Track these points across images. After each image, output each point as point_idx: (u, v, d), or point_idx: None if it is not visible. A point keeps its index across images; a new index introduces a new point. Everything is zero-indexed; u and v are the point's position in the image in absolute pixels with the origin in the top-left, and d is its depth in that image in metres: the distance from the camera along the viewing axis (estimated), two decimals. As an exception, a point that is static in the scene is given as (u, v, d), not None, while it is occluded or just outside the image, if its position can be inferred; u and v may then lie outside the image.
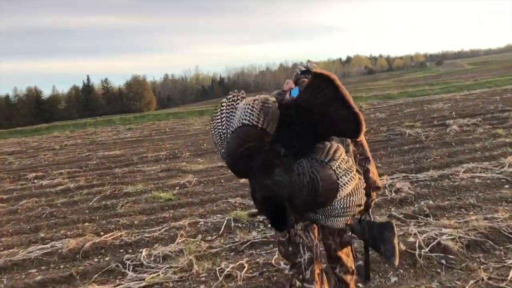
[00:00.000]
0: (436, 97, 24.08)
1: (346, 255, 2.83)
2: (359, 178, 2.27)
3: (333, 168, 2.14)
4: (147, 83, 78.92)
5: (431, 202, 5.11)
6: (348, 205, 2.20)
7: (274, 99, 2.27)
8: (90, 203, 6.74)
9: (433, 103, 19.21)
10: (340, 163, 2.17)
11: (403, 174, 6.23)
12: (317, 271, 2.57)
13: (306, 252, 2.54)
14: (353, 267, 2.85)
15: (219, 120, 2.40)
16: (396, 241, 2.53)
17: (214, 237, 4.66)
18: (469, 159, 6.86)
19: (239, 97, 2.38)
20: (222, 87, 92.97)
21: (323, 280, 2.62)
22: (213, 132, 2.42)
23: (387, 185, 5.72)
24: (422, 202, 5.12)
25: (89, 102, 70.21)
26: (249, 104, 2.21)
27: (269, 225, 2.64)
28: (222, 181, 7.43)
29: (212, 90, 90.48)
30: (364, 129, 2.19)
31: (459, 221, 4.23)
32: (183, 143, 13.85)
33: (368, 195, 2.53)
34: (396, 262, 2.53)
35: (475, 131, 9.71)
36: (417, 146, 8.44)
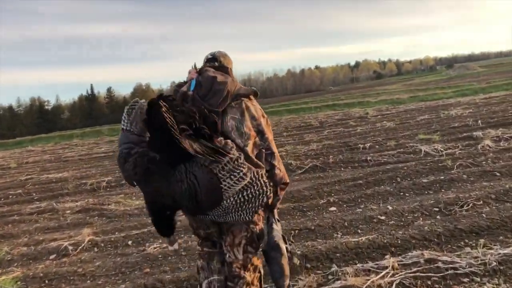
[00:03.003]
0: (451, 101, 21.00)
1: (248, 273, 2.29)
2: (256, 172, 1.99)
3: (215, 172, 1.93)
4: (152, 91, 76.32)
5: None
6: (243, 200, 1.97)
7: (143, 100, 2.22)
8: None
9: (450, 108, 16.16)
10: (225, 164, 1.93)
11: (426, 254, 3.17)
12: None
13: (204, 280, 2.36)
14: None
15: None
16: (284, 261, 2.28)
17: None
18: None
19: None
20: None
21: None
22: None
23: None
24: None
25: (92, 111, 67.69)
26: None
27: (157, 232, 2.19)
28: (130, 242, 4.56)
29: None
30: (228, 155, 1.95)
31: None
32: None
33: (274, 193, 2.27)
34: (285, 283, 2.28)
35: (522, 150, 6.73)
36: (442, 177, 5.43)
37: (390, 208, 4.57)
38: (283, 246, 2.33)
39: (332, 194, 5.50)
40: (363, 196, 5.09)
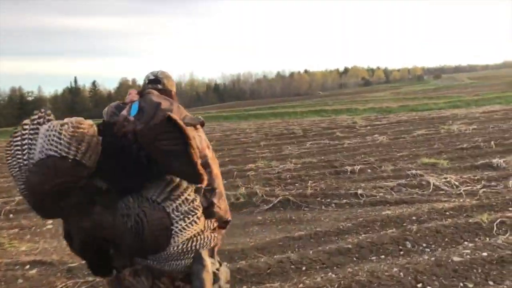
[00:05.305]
0: (446, 113, 18.95)
1: None
2: (209, 221, 1.84)
3: (168, 211, 1.70)
4: (138, 86, 73.58)
5: None
6: (188, 250, 1.74)
7: (90, 122, 1.74)
8: None
9: (447, 121, 14.14)
10: (180, 203, 1.71)
11: None
12: None
13: None
14: None
15: (19, 147, 1.77)
16: (206, 276, 1.98)
17: None
18: None
19: (45, 119, 1.79)
20: (217, 94, 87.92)
21: None
22: (10, 161, 1.78)
23: None
24: None
25: (75, 105, 64.56)
26: (55, 130, 1.68)
27: (90, 271, 1.82)
28: None
29: (206, 96, 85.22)
30: (205, 183, 1.73)
31: None
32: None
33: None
34: None
35: None
36: (484, 252, 3.26)
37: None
38: (206, 258, 2.02)
39: (304, 269, 3.31)
40: (353, 286, 2.90)
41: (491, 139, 8.87)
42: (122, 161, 1.71)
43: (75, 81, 70.12)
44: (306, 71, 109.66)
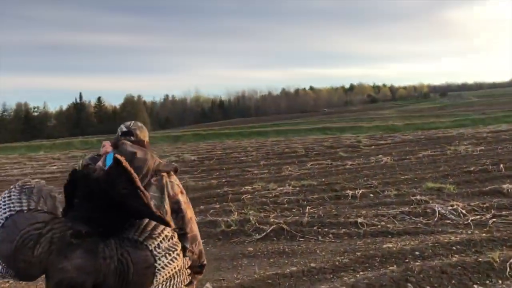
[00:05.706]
0: (452, 132, 18.59)
1: None
2: (186, 259, 1.85)
3: (150, 248, 1.70)
4: (141, 103, 73.60)
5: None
6: None
7: (36, 180, 1.92)
8: None
9: (454, 141, 13.78)
10: (161, 241, 1.73)
11: None
12: None
13: None
14: None
15: None
16: None
17: None
18: None
19: None
20: (222, 110, 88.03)
21: None
22: None
23: None
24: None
25: (80, 121, 64.48)
26: (5, 196, 1.78)
27: None
28: None
29: (211, 112, 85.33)
30: (172, 226, 1.81)
31: None
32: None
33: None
34: None
35: None
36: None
37: None
38: None
39: (291, 316, 2.94)
40: None
41: (500, 162, 8.47)
42: (98, 205, 1.72)
43: (80, 96, 70.03)
44: (311, 88, 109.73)
